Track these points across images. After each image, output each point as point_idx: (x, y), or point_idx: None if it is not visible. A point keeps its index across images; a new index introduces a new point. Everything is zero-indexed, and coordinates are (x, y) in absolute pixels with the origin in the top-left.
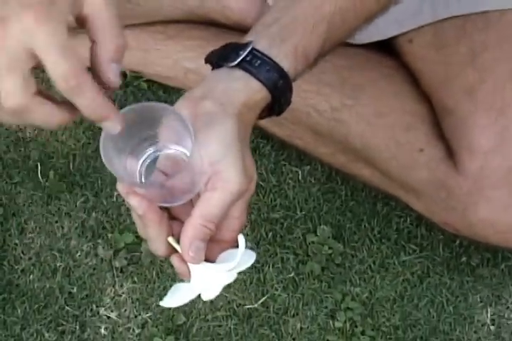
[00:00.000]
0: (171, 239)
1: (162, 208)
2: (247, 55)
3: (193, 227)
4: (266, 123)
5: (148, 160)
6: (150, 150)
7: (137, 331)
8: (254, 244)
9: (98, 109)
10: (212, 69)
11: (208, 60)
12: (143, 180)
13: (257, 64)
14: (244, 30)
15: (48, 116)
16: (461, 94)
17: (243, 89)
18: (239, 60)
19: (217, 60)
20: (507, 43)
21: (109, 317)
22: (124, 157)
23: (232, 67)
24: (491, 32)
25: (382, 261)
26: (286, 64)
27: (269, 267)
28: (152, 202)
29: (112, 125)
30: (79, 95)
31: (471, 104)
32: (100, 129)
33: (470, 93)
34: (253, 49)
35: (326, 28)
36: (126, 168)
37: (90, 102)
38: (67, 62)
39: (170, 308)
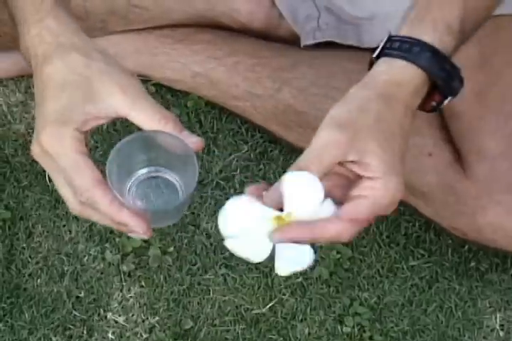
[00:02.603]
0: None
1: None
2: (385, 43)
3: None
4: (274, 127)
5: (137, 182)
6: (143, 172)
7: (145, 336)
8: None
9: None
10: None
11: None
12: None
13: (395, 46)
14: (251, 33)
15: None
16: (470, 98)
17: (386, 69)
18: (378, 50)
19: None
20: None
21: (116, 322)
22: (124, 178)
23: (375, 58)
24: (501, 36)
25: (390, 265)
26: (428, 37)
27: None
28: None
29: (138, 233)
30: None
31: (480, 108)
32: (109, 132)
33: (479, 97)
34: (390, 36)
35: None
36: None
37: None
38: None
39: (178, 312)
